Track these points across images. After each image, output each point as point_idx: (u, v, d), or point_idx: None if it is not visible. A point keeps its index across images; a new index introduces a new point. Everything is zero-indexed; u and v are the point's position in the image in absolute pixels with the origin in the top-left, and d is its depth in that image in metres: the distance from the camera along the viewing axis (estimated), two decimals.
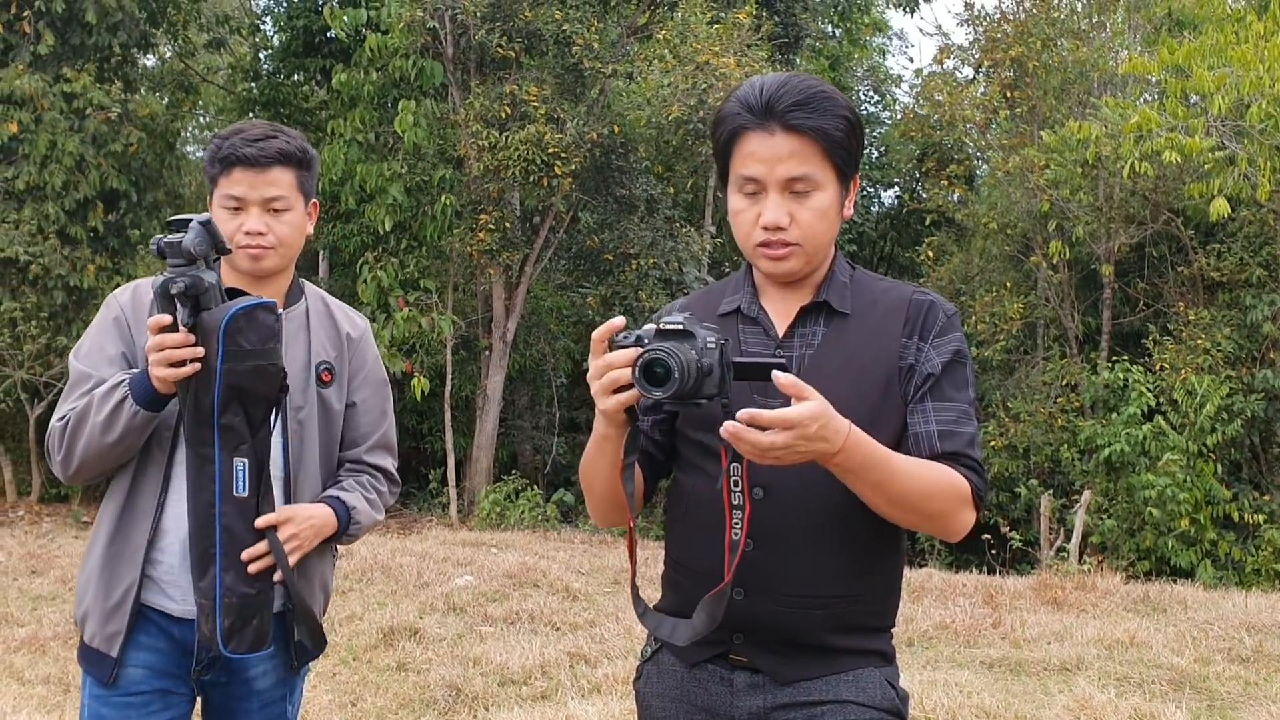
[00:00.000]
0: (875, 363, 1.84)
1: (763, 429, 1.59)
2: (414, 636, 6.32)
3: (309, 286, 2.51)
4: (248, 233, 2.30)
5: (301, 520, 2.25)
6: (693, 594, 1.83)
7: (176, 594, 2.25)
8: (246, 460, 2.11)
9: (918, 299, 1.89)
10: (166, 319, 2.03)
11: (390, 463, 2.53)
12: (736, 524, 1.75)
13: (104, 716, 2.26)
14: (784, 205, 1.81)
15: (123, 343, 2.29)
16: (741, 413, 1.59)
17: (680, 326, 1.65)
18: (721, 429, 1.60)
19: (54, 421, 2.24)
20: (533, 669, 5.58)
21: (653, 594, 2.06)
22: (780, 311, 1.91)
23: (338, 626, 6.44)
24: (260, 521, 2.15)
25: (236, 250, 2.29)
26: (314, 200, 2.45)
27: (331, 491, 2.39)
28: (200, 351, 2.03)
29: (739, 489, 1.74)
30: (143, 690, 2.25)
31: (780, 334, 1.89)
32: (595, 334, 1.73)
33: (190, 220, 2.06)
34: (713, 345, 1.64)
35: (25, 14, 12.95)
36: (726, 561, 1.75)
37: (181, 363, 2.03)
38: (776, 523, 1.81)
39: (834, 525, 1.81)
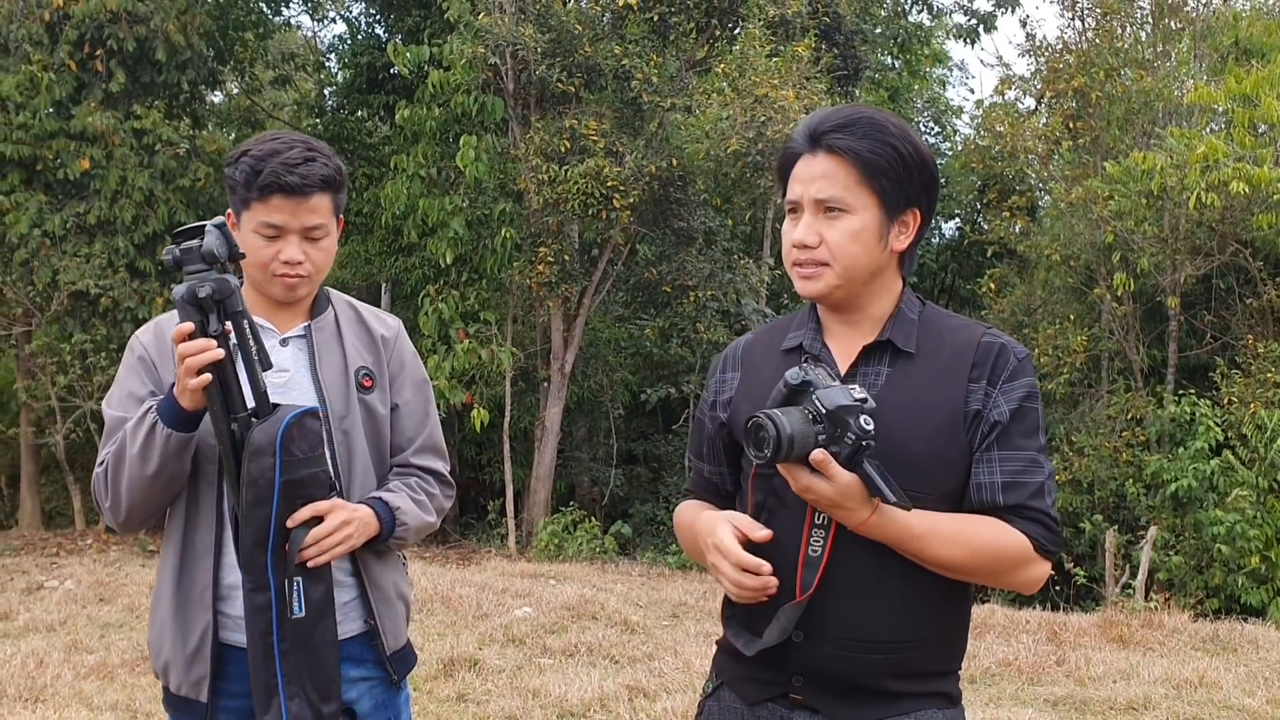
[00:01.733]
0: (940, 407, 1.82)
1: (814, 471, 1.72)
2: (474, 667, 6.34)
3: (334, 294, 2.45)
4: (286, 261, 2.21)
5: (347, 512, 2.18)
6: (757, 614, 1.86)
7: None
8: (301, 579, 2.07)
9: (987, 341, 1.87)
10: (189, 326, 1.99)
11: (440, 465, 2.45)
12: (817, 541, 1.79)
13: None
14: (814, 225, 1.82)
15: (150, 382, 2.25)
16: (816, 454, 1.69)
17: (798, 383, 1.73)
18: (812, 455, 1.69)
19: (95, 470, 2.22)
20: (591, 701, 5.57)
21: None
22: (843, 349, 1.90)
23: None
24: (300, 514, 2.09)
25: (271, 278, 2.23)
26: (340, 217, 2.37)
27: (373, 494, 2.31)
28: (220, 354, 2.00)
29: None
30: None
31: (843, 373, 1.88)
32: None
33: (203, 226, 2.02)
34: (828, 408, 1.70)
35: (98, 53, 13.30)
36: (799, 577, 1.79)
37: (208, 367, 1.99)
38: (839, 568, 1.81)
39: (898, 572, 1.81)
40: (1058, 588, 11.26)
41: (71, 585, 9.80)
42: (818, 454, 1.69)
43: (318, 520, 2.12)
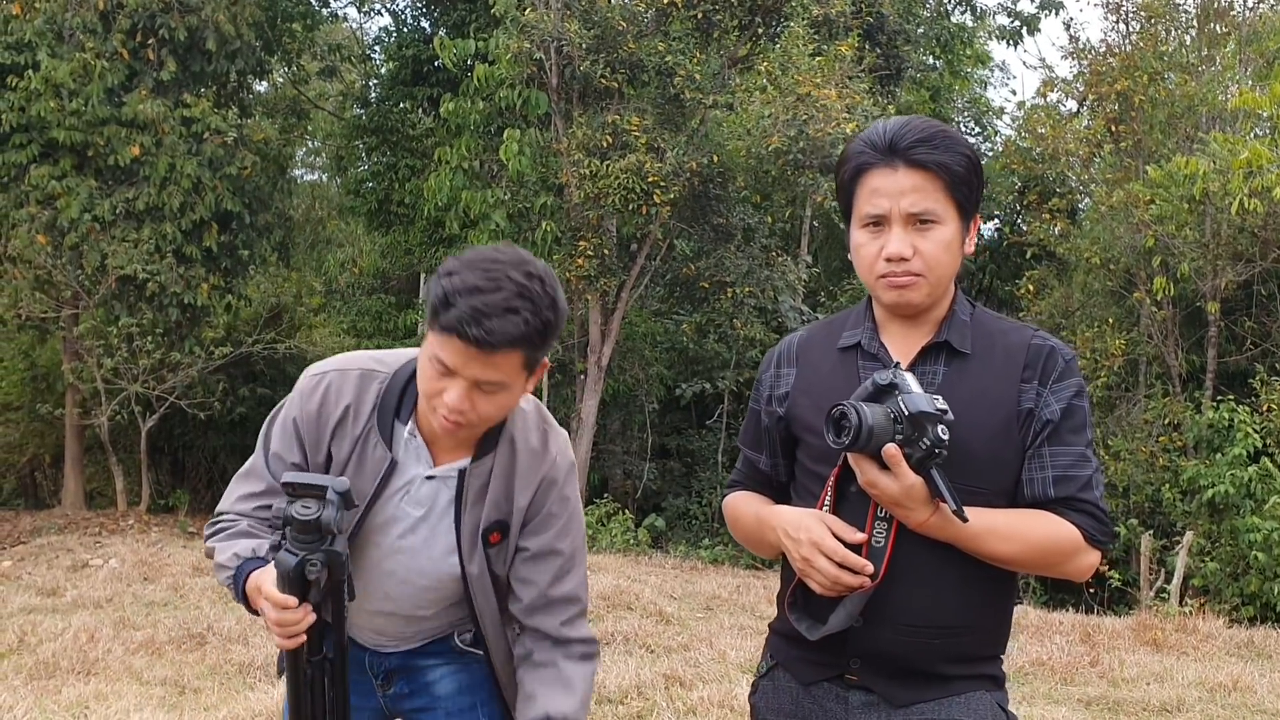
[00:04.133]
0: (995, 406, 1.90)
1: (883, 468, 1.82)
2: None
3: (513, 424, 2.14)
4: (449, 404, 1.94)
5: None
6: (821, 601, 1.93)
7: (356, 632, 2.24)
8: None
9: (1037, 343, 1.94)
10: (292, 601, 1.85)
11: (579, 627, 2.18)
12: (880, 532, 1.88)
13: None
14: (907, 238, 1.89)
15: (308, 445, 2.11)
16: (888, 448, 1.78)
17: (886, 384, 1.82)
18: (885, 448, 1.78)
19: (211, 519, 2.18)
20: (629, 689, 5.66)
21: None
22: (900, 349, 1.98)
23: None
24: None
25: (433, 411, 1.99)
26: (544, 362, 2.04)
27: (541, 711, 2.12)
28: (313, 619, 1.90)
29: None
30: None
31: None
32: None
33: (325, 487, 1.81)
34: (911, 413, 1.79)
35: (150, 41, 13.53)
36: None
37: (295, 636, 1.91)
38: (900, 558, 1.89)
39: (954, 563, 1.89)
40: (1091, 591, 11.26)
41: (116, 564, 10.00)
42: (890, 449, 1.78)
43: None
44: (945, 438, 1.77)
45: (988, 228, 20.14)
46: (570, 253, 13.15)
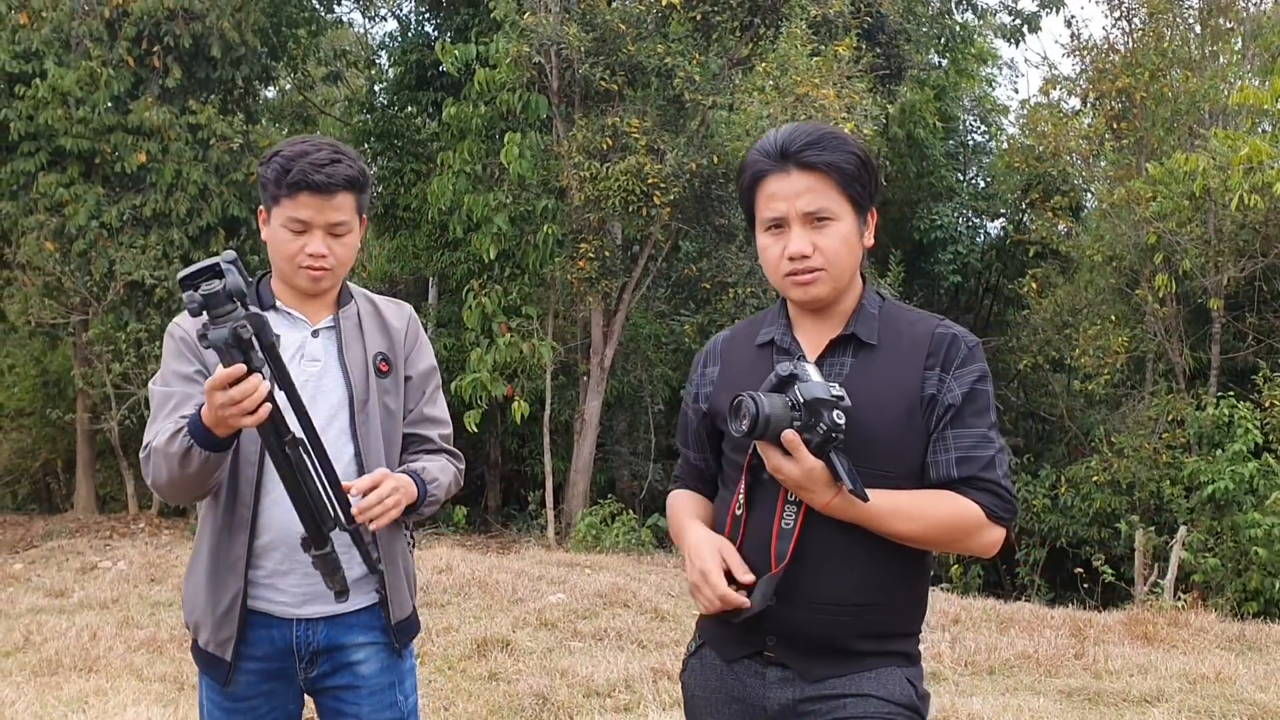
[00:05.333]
0: (899, 393, 2.00)
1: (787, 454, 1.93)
2: (506, 648, 6.55)
3: (353, 287, 2.60)
4: (310, 254, 2.38)
5: (395, 479, 2.36)
6: (736, 587, 2.03)
7: (276, 596, 2.42)
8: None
9: (941, 332, 2.05)
10: (240, 369, 2.03)
11: (447, 432, 2.64)
12: (789, 516, 1.98)
13: (217, 715, 2.47)
14: (806, 236, 2.00)
15: (195, 359, 2.39)
16: (787, 433, 1.88)
17: (787, 374, 1.93)
18: (783, 434, 1.89)
19: (141, 452, 2.36)
20: (617, 682, 5.76)
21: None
22: (812, 342, 2.09)
23: (435, 637, 6.71)
24: (360, 484, 2.28)
25: (297, 270, 2.40)
26: (364, 216, 2.50)
27: (404, 468, 2.48)
28: (267, 388, 2.07)
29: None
30: (250, 695, 2.44)
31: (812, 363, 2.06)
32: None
33: (215, 265, 2.04)
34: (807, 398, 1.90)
35: (155, 49, 13.69)
36: (774, 547, 1.99)
37: (258, 407, 2.07)
38: (809, 540, 1.99)
39: (862, 543, 1.99)
40: (1085, 586, 11.30)
41: (124, 566, 10.13)
42: (788, 434, 1.89)
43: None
44: (841, 422, 1.86)
45: (994, 226, 20.19)
46: (572, 255, 13.25)
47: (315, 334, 2.48)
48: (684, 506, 2.25)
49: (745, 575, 1.99)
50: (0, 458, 18.59)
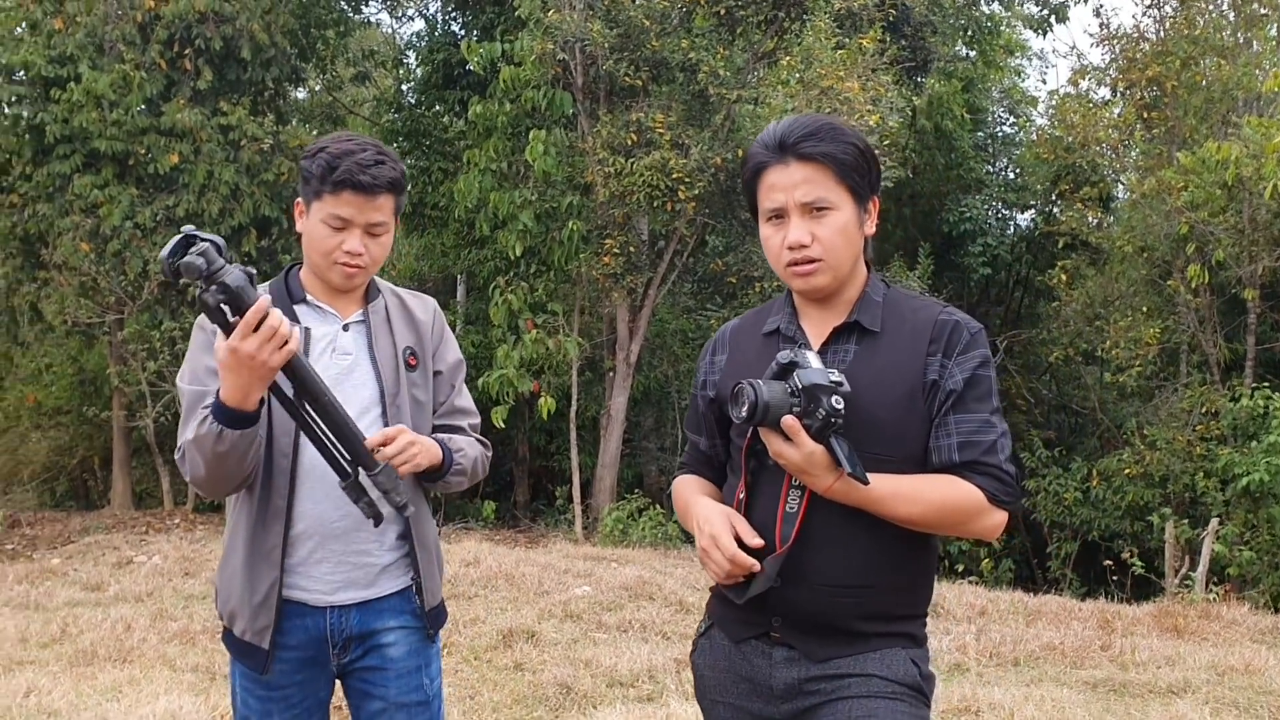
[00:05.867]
0: (901, 379, 2.03)
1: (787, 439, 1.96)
2: (531, 639, 6.61)
3: (381, 282, 2.64)
4: (348, 252, 2.42)
5: (412, 434, 2.41)
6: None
7: (310, 585, 2.46)
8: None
9: (943, 318, 2.08)
10: (267, 299, 2.10)
11: (476, 421, 2.71)
12: (794, 500, 2.02)
13: (251, 703, 2.51)
14: (805, 226, 2.03)
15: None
16: (786, 419, 1.91)
17: (787, 362, 1.97)
18: (783, 420, 1.93)
19: (176, 453, 2.41)
20: (640, 673, 5.80)
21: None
22: (816, 331, 2.13)
23: (462, 628, 6.77)
24: (373, 439, 2.32)
25: (332, 265, 2.44)
26: (398, 217, 2.57)
27: (433, 436, 2.55)
28: (286, 320, 2.14)
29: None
30: (285, 684, 2.48)
31: (814, 350, 2.09)
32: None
33: (185, 237, 2.07)
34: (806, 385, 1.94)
35: (186, 52, 13.84)
36: (779, 531, 2.02)
37: (286, 339, 2.12)
38: (813, 523, 2.03)
39: (865, 525, 2.02)
40: (1115, 578, 11.23)
41: (159, 560, 10.27)
42: (788, 420, 1.92)
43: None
44: (840, 407, 1.89)
45: (1024, 217, 20.04)
46: (598, 251, 13.29)
47: (345, 328, 2.53)
48: (690, 486, 2.30)
49: (754, 539, 2.02)
50: (39, 455, 18.85)
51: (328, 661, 2.51)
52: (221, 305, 2.07)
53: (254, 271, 2.11)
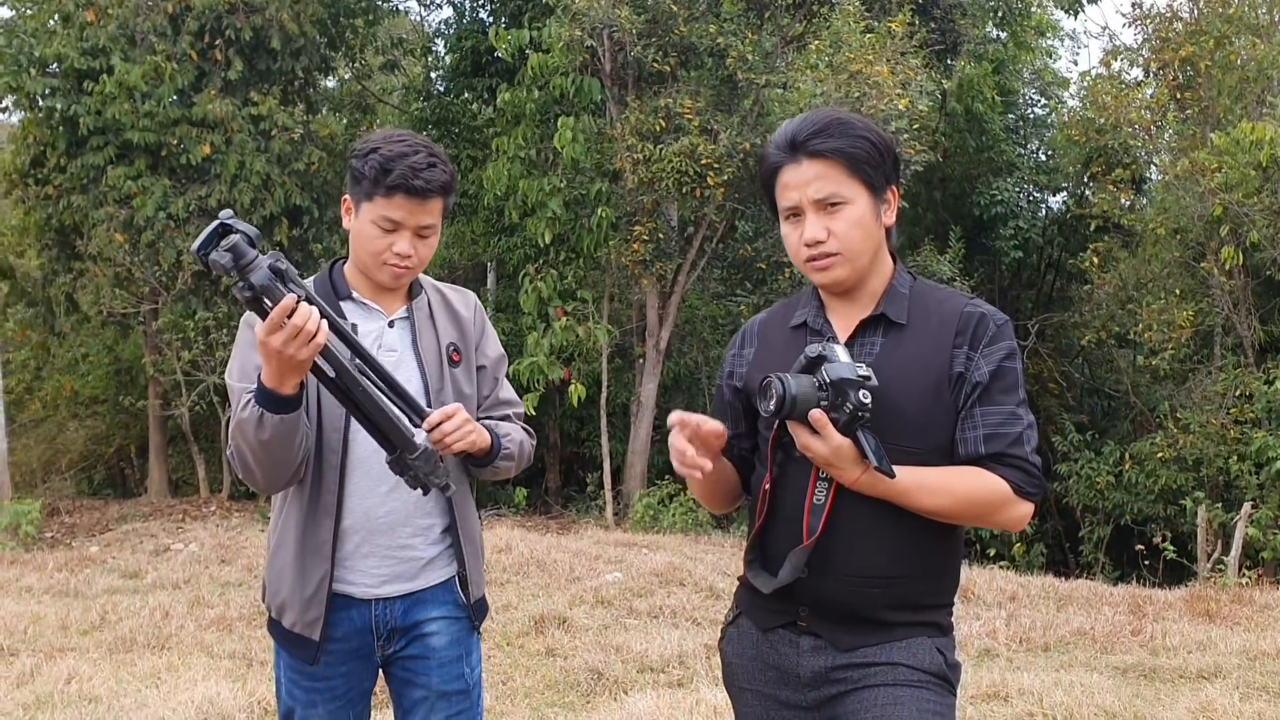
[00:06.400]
0: (927, 371, 2.05)
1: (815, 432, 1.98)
2: (563, 625, 6.67)
3: (422, 277, 2.65)
4: (398, 254, 2.43)
5: (468, 415, 2.45)
6: (773, 557, 2.13)
7: (358, 578, 2.50)
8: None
9: (969, 310, 2.09)
10: (294, 297, 2.09)
11: (520, 409, 2.75)
12: (821, 491, 2.05)
13: (296, 694, 2.56)
14: (820, 221, 2.06)
15: None
16: (814, 413, 1.94)
17: (815, 356, 1.99)
18: (810, 413, 1.95)
19: (228, 451, 2.49)
20: (670, 658, 5.85)
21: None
22: (843, 323, 2.15)
23: (494, 614, 6.83)
24: (433, 418, 2.36)
25: (381, 266, 2.45)
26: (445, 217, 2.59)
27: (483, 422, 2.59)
28: (315, 312, 2.14)
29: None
30: (330, 675, 2.52)
31: (842, 343, 2.12)
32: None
33: (219, 226, 2.07)
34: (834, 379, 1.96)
35: (217, 42, 13.94)
36: (806, 522, 2.06)
37: (318, 328, 2.12)
38: (840, 514, 2.06)
39: (891, 517, 2.04)
40: (1147, 563, 11.18)
41: (196, 548, 10.40)
42: (815, 413, 1.95)
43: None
44: (867, 401, 1.92)
45: (1055, 200, 19.90)
46: (627, 238, 13.31)
47: (390, 324, 2.55)
48: None
49: (713, 425, 2.06)
50: (76, 444, 19.12)
51: (372, 653, 2.55)
52: (256, 298, 2.09)
53: (283, 267, 2.11)
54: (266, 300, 2.09)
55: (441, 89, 17.43)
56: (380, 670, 2.62)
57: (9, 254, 16.30)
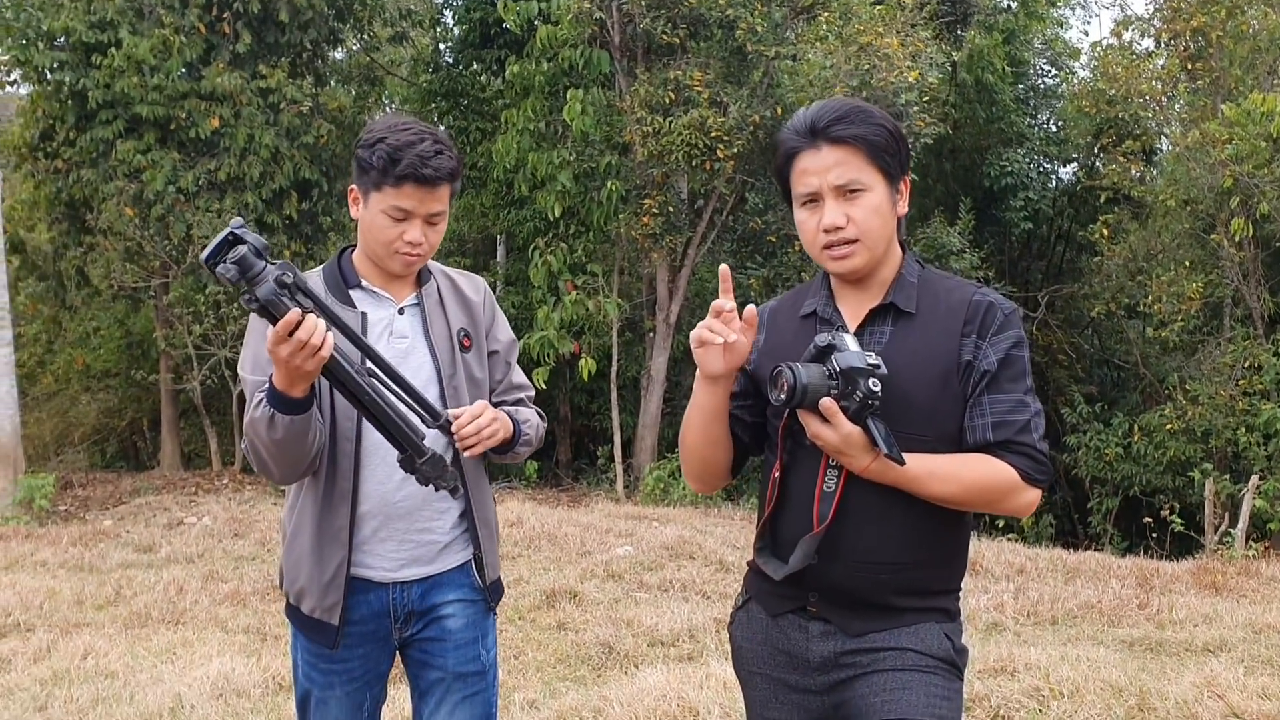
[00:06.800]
0: (935, 360, 2.07)
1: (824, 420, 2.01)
2: (574, 599, 6.74)
3: (432, 264, 2.68)
4: (409, 242, 2.46)
5: (495, 411, 2.51)
6: (783, 544, 2.16)
7: (375, 562, 2.54)
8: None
9: (977, 299, 2.11)
10: (298, 313, 2.10)
11: (531, 392, 2.80)
12: (831, 479, 2.08)
13: (314, 676, 2.59)
14: (839, 208, 2.07)
15: None
16: (824, 401, 1.97)
17: (825, 345, 2.02)
18: (821, 402, 1.97)
19: (244, 446, 2.48)
20: (681, 632, 5.91)
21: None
22: (853, 312, 2.17)
23: (505, 589, 6.87)
24: (463, 417, 2.42)
25: (393, 255, 2.48)
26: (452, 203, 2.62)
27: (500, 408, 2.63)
28: (322, 323, 2.15)
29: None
30: (348, 658, 2.56)
31: (851, 332, 2.14)
32: (717, 303, 2.09)
33: (229, 235, 2.09)
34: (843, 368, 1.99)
35: (225, 15, 13.91)
36: (816, 509, 2.08)
37: (323, 342, 2.14)
38: (849, 501, 2.09)
39: (900, 504, 2.07)
40: (1155, 536, 11.21)
41: (209, 521, 10.49)
42: (825, 402, 1.98)
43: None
44: (877, 390, 1.94)
45: (1065, 171, 19.82)
46: (636, 211, 13.30)
47: (401, 312, 2.58)
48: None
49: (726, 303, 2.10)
50: (88, 417, 19.22)
51: (389, 635, 2.59)
52: (277, 297, 2.11)
53: (289, 280, 2.11)
54: (273, 311, 2.12)
55: (450, 61, 17.38)
56: (397, 652, 2.66)
57: (20, 228, 16.32)
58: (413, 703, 2.70)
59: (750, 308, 2.13)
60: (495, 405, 2.68)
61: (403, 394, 2.32)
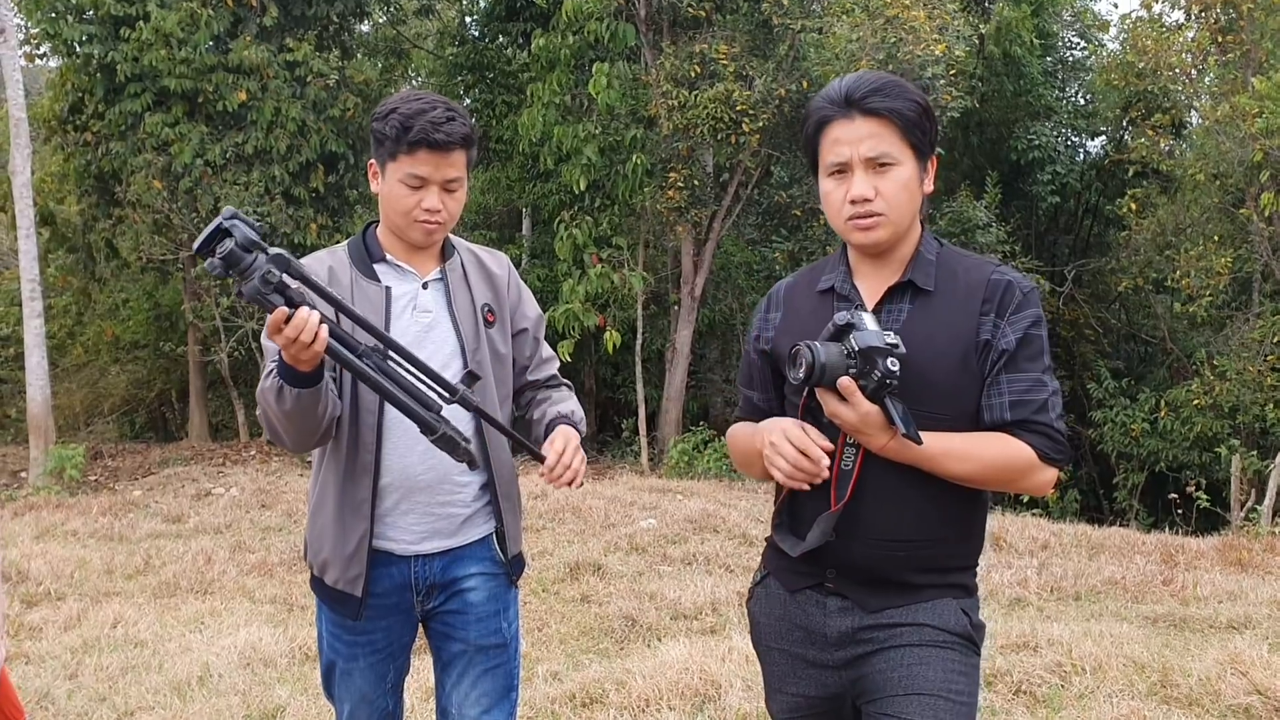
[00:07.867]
0: (954, 338, 2.08)
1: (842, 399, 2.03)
2: (597, 572, 6.79)
3: (455, 239, 2.70)
4: (427, 209, 2.48)
5: (576, 439, 2.57)
6: (801, 520, 2.19)
7: (397, 535, 2.56)
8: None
9: (996, 278, 2.11)
10: (284, 311, 2.11)
11: (559, 367, 2.85)
12: (849, 457, 2.09)
13: (339, 648, 2.63)
14: (868, 180, 2.08)
15: None
16: (843, 380, 1.98)
17: (844, 324, 2.02)
18: (839, 381, 1.99)
19: (257, 411, 2.46)
20: (703, 605, 5.95)
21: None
22: (871, 289, 2.17)
23: (529, 561, 6.91)
24: (556, 449, 2.48)
25: (412, 224, 2.50)
26: (470, 171, 2.61)
27: (553, 415, 2.65)
28: (318, 314, 2.15)
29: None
30: (371, 630, 2.60)
31: (869, 310, 2.15)
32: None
33: (222, 225, 2.07)
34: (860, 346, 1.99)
35: None
36: (834, 487, 2.10)
37: (315, 336, 2.14)
38: (867, 479, 2.10)
39: (918, 482, 2.08)
40: (1180, 512, 11.17)
41: (236, 492, 10.60)
42: (844, 381, 1.99)
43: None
44: (895, 369, 1.95)
45: (1094, 145, 19.64)
46: (662, 184, 13.29)
47: (425, 286, 2.59)
48: (748, 425, 2.34)
49: (825, 442, 2.07)
50: (118, 389, 19.42)
51: (411, 608, 2.62)
52: (263, 295, 2.09)
53: (278, 275, 2.09)
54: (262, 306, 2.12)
55: (476, 34, 17.36)
56: (420, 625, 2.69)
57: (49, 200, 16.44)
58: (435, 674, 2.73)
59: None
60: (529, 383, 2.74)
61: (419, 373, 2.32)
